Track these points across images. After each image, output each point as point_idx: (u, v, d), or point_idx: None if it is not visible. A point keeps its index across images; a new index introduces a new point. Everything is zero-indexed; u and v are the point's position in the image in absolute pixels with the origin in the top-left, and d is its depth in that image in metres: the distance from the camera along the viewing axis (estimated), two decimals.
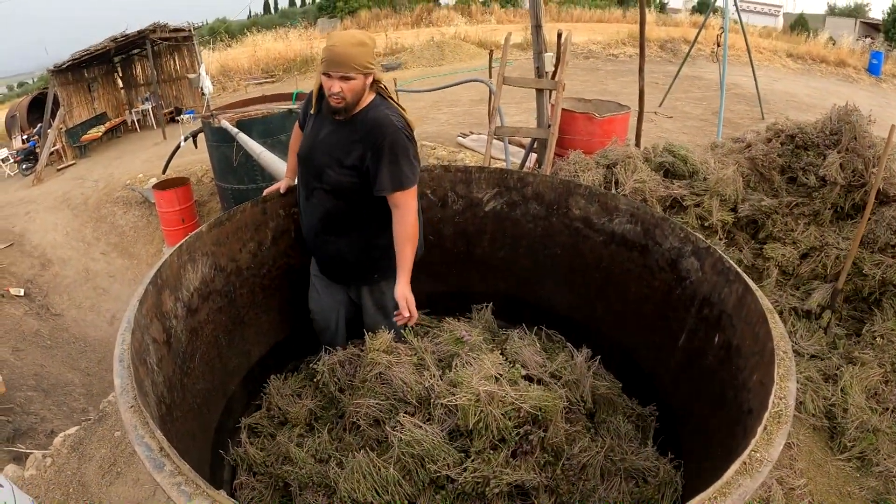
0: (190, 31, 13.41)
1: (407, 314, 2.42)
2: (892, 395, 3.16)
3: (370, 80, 2.33)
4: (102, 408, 3.21)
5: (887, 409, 3.12)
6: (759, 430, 1.42)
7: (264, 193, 2.84)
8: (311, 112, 2.55)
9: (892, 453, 2.95)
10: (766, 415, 1.47)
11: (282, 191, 2.84)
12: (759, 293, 2.02)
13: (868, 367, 3.27)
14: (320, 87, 2.40)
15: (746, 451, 1.35)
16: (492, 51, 7.63)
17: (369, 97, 2.40)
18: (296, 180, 2.72)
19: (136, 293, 1.95)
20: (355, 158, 2.38)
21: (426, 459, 2.05)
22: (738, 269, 2.17)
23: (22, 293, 6.69)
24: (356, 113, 2.38)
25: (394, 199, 2.37)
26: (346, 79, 2.24)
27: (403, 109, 2.46)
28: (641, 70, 5.53)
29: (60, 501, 2.65)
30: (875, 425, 3.04)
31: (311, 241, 2.65)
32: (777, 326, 1.85)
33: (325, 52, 2.24)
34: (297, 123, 2.77)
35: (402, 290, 2.41)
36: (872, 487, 2.86)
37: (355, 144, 2.37)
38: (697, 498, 1.21)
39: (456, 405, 2.11)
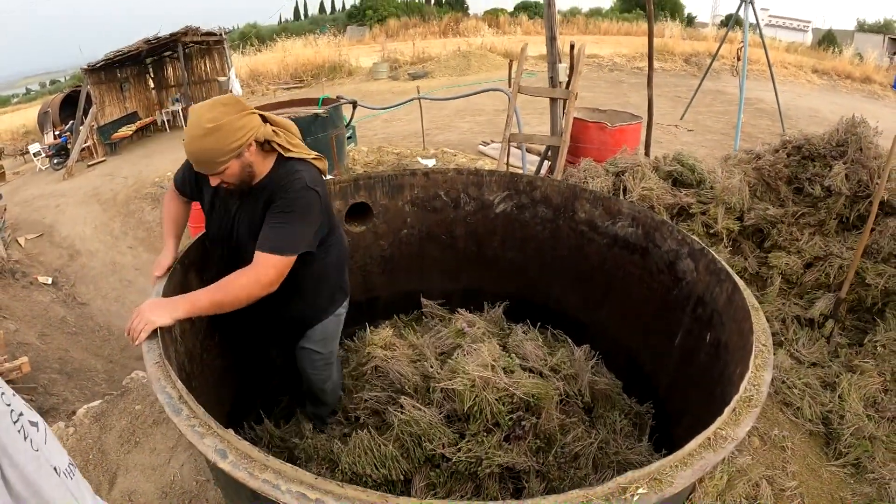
0: (221, 34, 13.74)
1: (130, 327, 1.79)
2: (892, 403, 3.18)
3: (252, 150, 1.97)
4: (125, 384, 3.38)
5: (885, 417, 3.15)
6: (727, 410, 1.51)
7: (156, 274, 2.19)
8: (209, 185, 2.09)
9: (888, 461, 2.98)
10: (737, 398, 1.57)
11: (169, 266, 2.21)
12: (746, 291, 2.10)
13: (867, 375, 3.31)
14: None
15: (712, 427, 1.45)
16: (511, 61, 7.77)
17: (267, 162, 2.07)
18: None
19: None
20: None
21: (423, 438, 2.18)
22: (729, 269, 2.26)
23: (50, 282, 6.90)
24: (259, 181, 2.07)
25: (262, 258, 1.94)
26: (218, 173, 1.95)
27: (310, 156, 2.14)
28: (650, 80, 5.65)
29: (80, 466, 2.80)
30: (871, 433, 3.08)
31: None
32: (760, 322, 1.94)
33: (185, 149, 1.92)
34: (175, 187, 2.36)
35: (145, 306, 1.83)
36: (865, 494, 2.88)
37: (265, 212, 2.04)
38: (657, 463, 1.31)
39: (453, 390, 2.24)
